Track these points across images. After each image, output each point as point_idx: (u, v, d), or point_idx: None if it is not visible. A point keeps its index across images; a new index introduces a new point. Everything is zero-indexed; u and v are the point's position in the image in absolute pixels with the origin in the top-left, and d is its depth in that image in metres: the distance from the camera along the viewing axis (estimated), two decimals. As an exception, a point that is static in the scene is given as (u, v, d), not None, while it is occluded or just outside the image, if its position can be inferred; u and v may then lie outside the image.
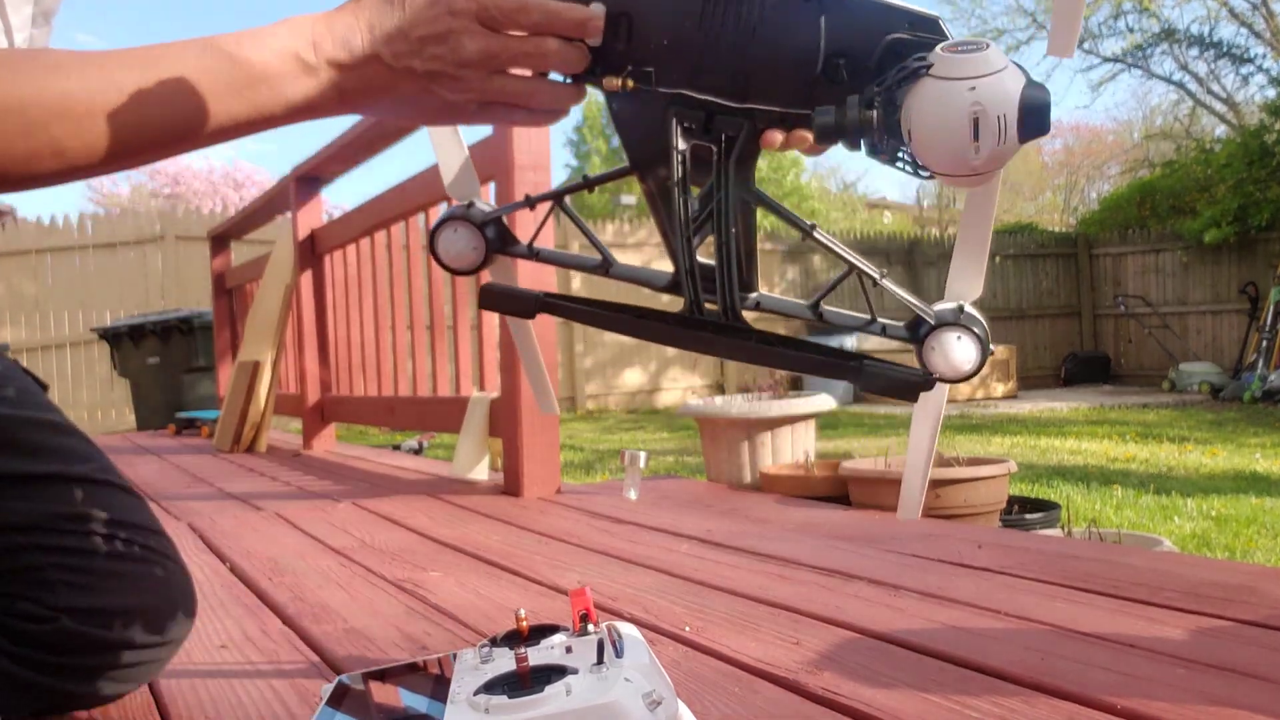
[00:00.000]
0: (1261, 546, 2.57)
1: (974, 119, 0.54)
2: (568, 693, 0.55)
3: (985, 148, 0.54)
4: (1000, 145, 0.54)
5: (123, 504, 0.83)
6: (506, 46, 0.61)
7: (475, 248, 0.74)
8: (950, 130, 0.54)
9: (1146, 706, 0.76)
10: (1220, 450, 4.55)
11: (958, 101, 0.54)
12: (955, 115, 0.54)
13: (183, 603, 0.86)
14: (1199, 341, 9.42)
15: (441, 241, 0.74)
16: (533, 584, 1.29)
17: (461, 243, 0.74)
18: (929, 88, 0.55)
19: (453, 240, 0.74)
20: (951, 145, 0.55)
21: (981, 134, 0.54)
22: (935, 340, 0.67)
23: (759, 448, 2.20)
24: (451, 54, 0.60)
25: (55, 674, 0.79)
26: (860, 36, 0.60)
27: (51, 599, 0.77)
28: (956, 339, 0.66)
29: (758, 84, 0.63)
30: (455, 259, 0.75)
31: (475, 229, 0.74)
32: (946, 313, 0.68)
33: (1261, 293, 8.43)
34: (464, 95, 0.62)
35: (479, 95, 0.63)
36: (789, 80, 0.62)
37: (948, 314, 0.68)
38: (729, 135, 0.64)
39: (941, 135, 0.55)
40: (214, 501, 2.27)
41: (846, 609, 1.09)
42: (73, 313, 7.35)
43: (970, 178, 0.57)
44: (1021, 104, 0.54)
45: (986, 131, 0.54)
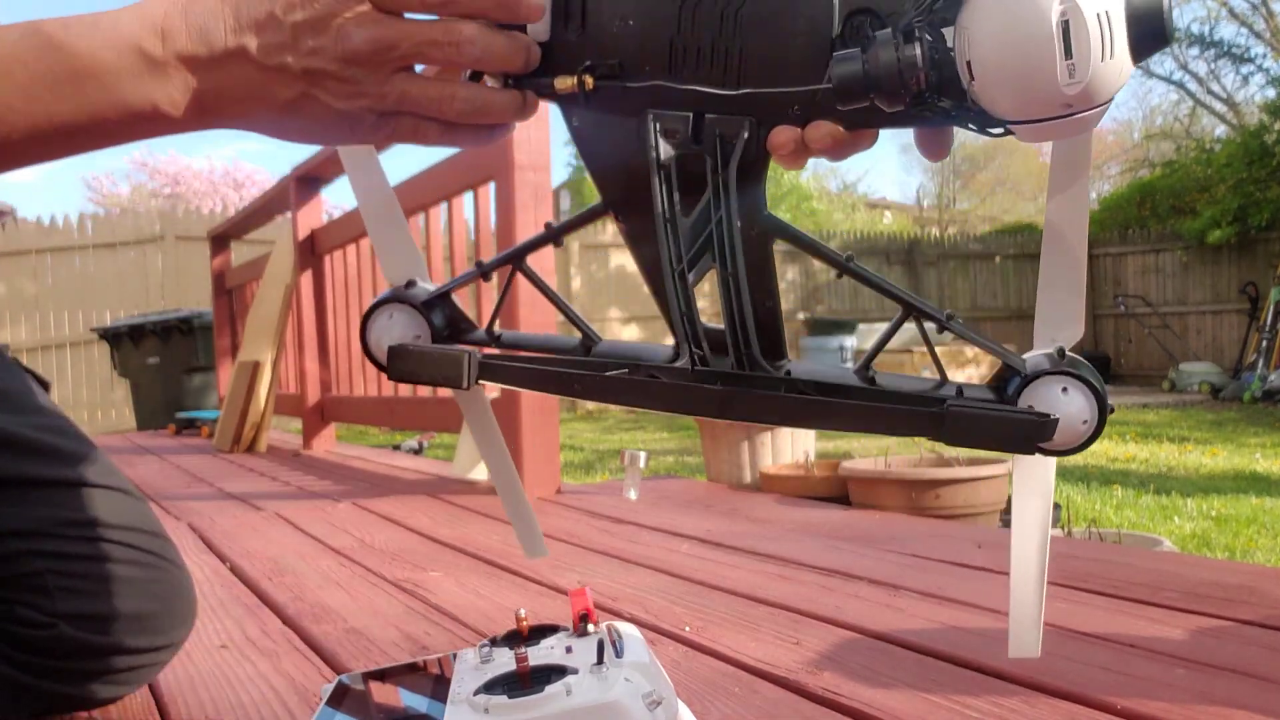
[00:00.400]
0: (1261, 546, 2.57)
1: (1063, 25, 0.39)
2: (568, 693, 0.55)
3: (1083, 66, 0.39)
4: (1105, 61, 0.40)
5: (122, 507, 0.83)
6: (407, 34, 0.47)
7: (417, 337, 0.58)
8: (1030, 48, 0.40)
9: (1146, 706, 0.76)
10: (1220, 450, 4.56)
11: (1037, 4, 0.39)
12: (1035, 24, 0.39)
13: (182, 606, 0.85)
14: (1199, 341, 9.42)
15: (374, 332, 0.58)
16: (533, 584, 1.29)
17: (399, 331, 0.58)
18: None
19: (388, 329, 0.58)
20: (1034, 71, 0.40)
21: (1075, 46, 0.39)
22: (1033, 398, 0.51)
23: (759, 448, 2.20)
24: (335, 45, 0.47)
25: (54, 678, 0.79)
26: None
27: (49, 605, 0.77)
28: (1062, 392, 0.50)
29: (756, 63, 0.49)
30: None
31: (416, 313, 0.58)
32: (1042, 360, 0.51)
33: (1261, 293, 8.43)
34: (355, 102, 0.49)
35: (375, 102, 0.49)
36: (797, 53, 0.48)
37: (1044, 362, 0.51)
38: (726, 137, 0.50)
39: (1018, 58, 0.40)
40: (214, 502, 2.28)
41: (846, 609, 1.09)
42: (73, 313, 7.35)
43: (1064, 120, 0.41)
44: (1130, 6, 0.40)
45: (1082, 42, 0.39)
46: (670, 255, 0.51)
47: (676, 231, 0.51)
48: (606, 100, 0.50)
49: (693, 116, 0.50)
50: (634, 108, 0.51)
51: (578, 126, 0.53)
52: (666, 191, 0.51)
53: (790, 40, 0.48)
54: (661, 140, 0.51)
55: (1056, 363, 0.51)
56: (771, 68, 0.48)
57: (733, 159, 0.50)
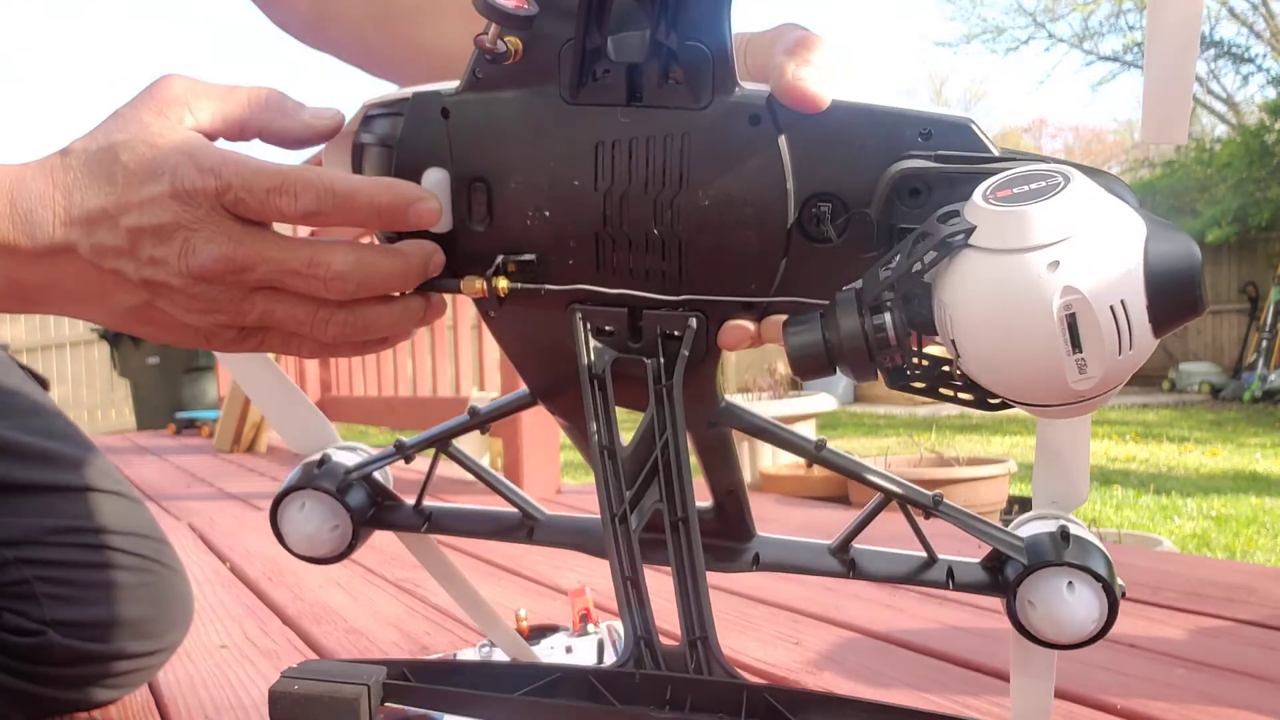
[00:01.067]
0: (1262, 546, 2.57)
1: (1067, 319, 0.32)
2: (567, 693, 0.55)
3: (1096, 363, 0.32)
4: (1122, 354, 0.32)
5: (116, 510, 0.82)
6: (265, 258, 0.40)
7: (335, 527, 0.52)
8: (1028, 342, 0.32)
9: (1146, 706, 0.76)
10: (1220, 450, 4.55)
11: (1033, 293, 0.32)
12: (1030, 318, 0.32)
13: (177, 609, 0.85)
14: (1199, 341, 9.42)
15: (286, 527, 0.52)
16: (533, 584, 1.29)
17: (315, 523, 0.52)
18: (977, 269, 0.33)
19: (301, 522, 0.52)
20: (1035, 365, 0.33)
21: (1085, 342, 0.32)
22: (1034, 592, 0.45)
23: (759, 448, 2.20)
24: (180, 261, 0.40)
25: (46, 683, 0.78)
26: (847, 164, 0.40)
27: (38, 612, 0.76)
28: (1067, 588, 0.44)
29: (700, 257, 0.42)
30: (310, 546, 0.53)
31: (332, 499, 0.52)
32: (1044, 543, 0.45)
33: (1261, 293, 8.43)
34: (209, 319, 0.42)
35: (233, 319, 0.42)
36: (748, 246, 0.41)
37: (1046, 545, 0.45)
38: (669, 335, 0.43)
39: (1013, 351, 0.33)
40: (214, 501, 2.28)
41: (846, 609, 1.09)
42: (73, 313, 7.34)
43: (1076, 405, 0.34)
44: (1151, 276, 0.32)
45: (1093, 338, 0.32)
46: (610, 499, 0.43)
47: (617, 464, 0.44)
48: (525, 299, 0.44)
49: (629, 311, 0.44)
50: (559, 304, 0.44)
51: (494, 318, 0.46)
52: (603, 407, 0.44)
53: (737, 233, 0.41)
54: (594, 340, 0.44)
55: (1060, 549, 0.44)
56: (718, 263, 0.42)
57: (678, 366, 0.43)
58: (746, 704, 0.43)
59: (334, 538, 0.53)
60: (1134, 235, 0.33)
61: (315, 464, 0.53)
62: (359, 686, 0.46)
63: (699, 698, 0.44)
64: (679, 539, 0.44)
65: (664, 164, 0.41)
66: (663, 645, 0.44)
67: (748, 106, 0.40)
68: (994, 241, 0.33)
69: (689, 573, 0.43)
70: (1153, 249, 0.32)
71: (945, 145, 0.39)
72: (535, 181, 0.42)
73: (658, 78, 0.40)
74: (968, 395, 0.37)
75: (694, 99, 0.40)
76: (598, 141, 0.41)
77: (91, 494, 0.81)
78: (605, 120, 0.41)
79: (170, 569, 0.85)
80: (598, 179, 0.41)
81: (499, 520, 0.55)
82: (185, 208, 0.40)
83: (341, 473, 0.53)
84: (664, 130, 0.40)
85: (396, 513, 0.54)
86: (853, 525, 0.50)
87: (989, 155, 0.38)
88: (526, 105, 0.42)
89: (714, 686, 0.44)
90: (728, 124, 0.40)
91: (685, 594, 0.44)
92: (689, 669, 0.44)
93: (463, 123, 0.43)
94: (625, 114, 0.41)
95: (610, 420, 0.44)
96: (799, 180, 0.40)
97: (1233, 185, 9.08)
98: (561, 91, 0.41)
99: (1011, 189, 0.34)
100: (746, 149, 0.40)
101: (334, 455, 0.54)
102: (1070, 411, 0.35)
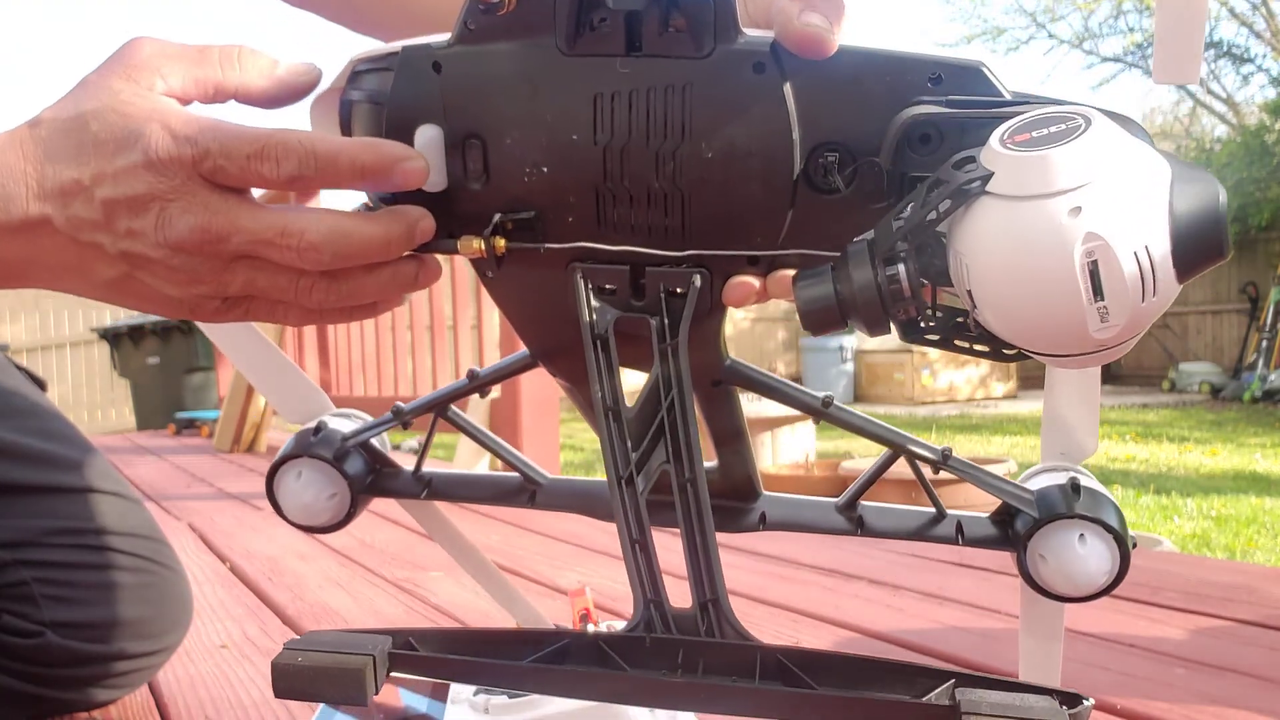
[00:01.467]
0: (1262, 546, 2.57)
1: (1089, 266, 0.31)
2: (568, 693, 0.55)
3: (1120, 310, 0.31)
4: (1145, 301, 0.31)
5: (114, 511, 0.82)
6: (239, 227, 0.39)
7: (333, 495, 0.52)
8: (1048, 291, 0.31)
9: (1146, 706, 0.76)
10: (1220, 450, 4.55)
11: (1053, 240, 0.31)
12: (1051, 266, 0.31)
13: (177, 609, 0.85)
14: (1199, 341, 9.42)
15: (285, 494, 0.52)
16: (533, 584, 1.29)
17: (312, 491, 0.52)
18: (995, 217, 0.32)
19: (298, 491, 0.52)
20: (1055, 314, 0.32)
21: (1108, 289, 0.31)
22: (1045, 545, 0.44)
23: (759, 447, 2.20)
24: (156, 231, 0.39)
25: (46, 684, 0.78)
26: (855, 112, 0.38)
27: (36, 614, 0.76)
28: (1078, 541, 0.44)
29: (704, 211, 0.41)
30: (307, 515, 0.52)
31: (329, 467, 0.52)
32: (1054, 495, 0.45)
33: (1261, 293, 8.43)
34: (190, 290, 0.41)
35: (216, 289, 0.41)
36: (753, 199, 0.40)
37: (1056, 498, 0.44)
38: (672, 293, 0.42)
39: (1032, 300, 0.32)
40: (214, 501, 2.28)
41: (846, 609, 1.09)
42: (73, 312, 7.35)
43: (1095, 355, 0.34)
44: (1176, 219, 0.31)
45: (1117, 285, 0.31)
46: (615, 461, 0.42)
47: (622, 425, 0.43)
48: (524, 259, 0.43)
49: (630, 270, 0.43)
50: (559, 262, 0.43)
51: (492, 278, 0.45)
52: (606, 367, 0.43)
53: (742, 185, 0.40)
54: (595, 300, 0.43)
55: (1071, 501, 0.44)
56: (723, 218, 0.41)
57: (683, 323, 0.42)
58: (760, 666, 0.42)
59: (331, 506, 0.52)
60: (1158, 178, 0.31)
61: (311, 432, 0.52)
62: (364, 656, 0.44)
63: (711, 660, 0.43)
64: (687, 500, 0.43)
65: (665, 115, 0.39)
66: (673, 609, 0.43)
67: (751, 54, 0.39)
68: (1013, 188, 0.32)
69: (698, 534, 0.42)
70: (1178, 191, 0.31)
71: (956, 90, 0.37)
72: (532, 136, 0.41)
73: (657, 26, 0.39)
74: (983, 347, 0.36)
75: (695, 47, 0.39)
76: (596, 93, 0.40)
77: (90, 495, 0.81)
78: (603, 71, 0.40)
79: (169, 569, 0.85)
80: (597, 132, 0.40)
81: (500, 485, 0.54)
82: (160, 178, 0.39)
83: (338, 440, 0.52)
84: (665, 80, 0.39)
85: (395, 480, 0.54)
86: (860, 481, 0.49)
87: (1002, 99, 0.37)
88: (521, 57, 0.40)
89: (727, 649, 0.43)
90: (731, 72, 0.39)
91: (695, 556, 0.43)
92: (700, 632, 0.43)
93: (455, 77, 0.41)
94: (624, 64, 0.39)
95: (614, 380, 0.43)
96: (805, 129, 0.39)
97: (1232, 185, 9.07)
98: (558, 42, 0.40)
99: (1030, 133, 0.33)
100: (750, 98, 0.39)
101: (330, 423, 0.53)
102: (1089, 361, 0.34)
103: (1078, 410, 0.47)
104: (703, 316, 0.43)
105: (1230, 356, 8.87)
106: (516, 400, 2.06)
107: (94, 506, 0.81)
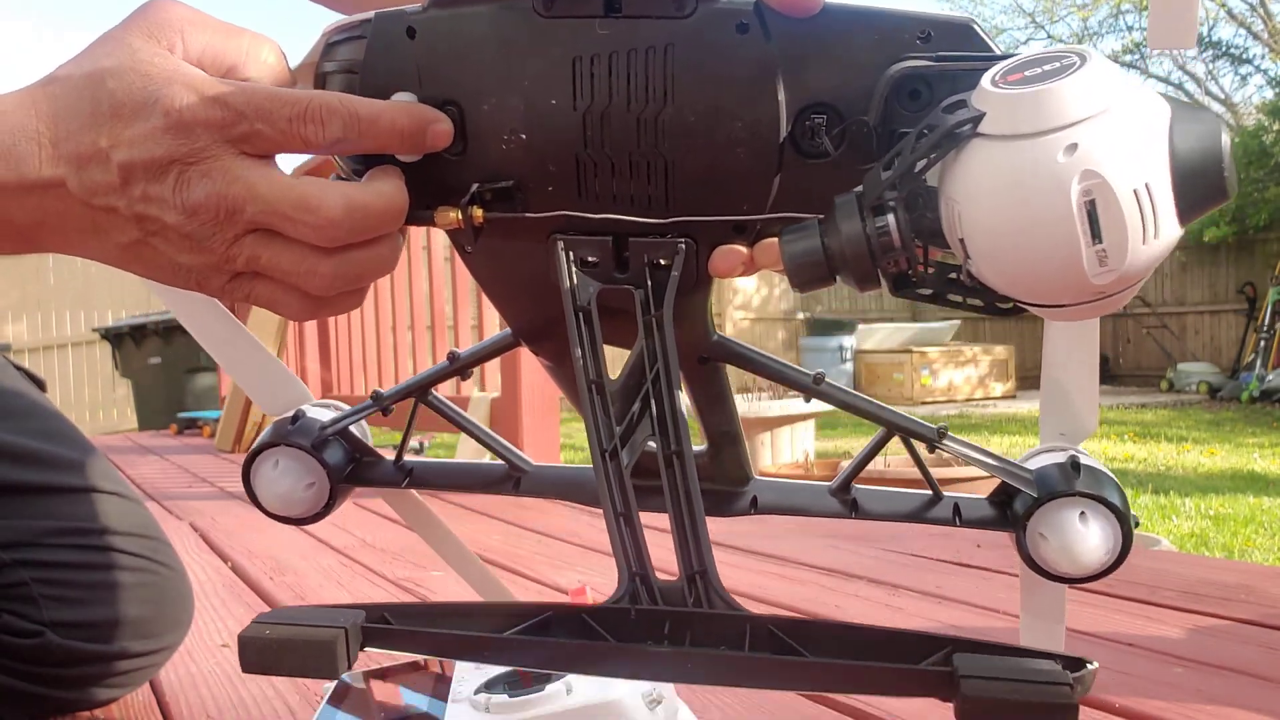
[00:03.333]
0: (1259, 545, 2.57)
1: (1086, 205, 0.29)
2: (568, 691, 0.56)
3: (1118, 254, 0.30)
4: (1146, 243, 0.30)
5: (115, 511, 0.82)
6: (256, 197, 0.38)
7: (310, 484, 0.50)
8: (1044, 234, 0.30)
9: (1144, 705, 0.76)
10: (1218, 450, 4.56)
11: (1049, 179, 0.30)
12: (1047, 206, 0.30)
13: (177, 609, 0.85)
14: (1197, 341, 9.43)
15: (260, 487, 0.50)
16: (533, 583, 1.29)
17: (289, 480, 0.50)
18: (986, 159, 0.31)
19: (274, 480, 0.50)
20: (1051, 259, 0.30)
21: (1106, 230, 0.30)
22: (1045, 524, 0.43)
23: (759, 448, 2.21)
24: (174, 196, 0.38)
25: (45, 684, 0.78)
26: (842, 71, 0.37)
27: (36, 614, 0.76)
28: (1079, 519, 0.43)
29: (688, 178, 0.40)
30: (284, 504, 0.51)
31: (307, 455, 0.50)
32: (1054, 474, 0.44)
33: (1259, 293, 8.43)
34: (199, 259, 0.40)
35: (222, 262, 0.40)
36: (738, 163, 0.39)
37: (1056, 476, 0.43)
38: (657, 265, 0.41)
39: (1028, 246, 0.30)
40: (216, 501, 2.28)
41: (846, 608, 1.10)
42: (74, 312, 7.36)
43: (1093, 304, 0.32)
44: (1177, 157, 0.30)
45: (1116, 225, 0.29)
46: (600, 435, 0.41)
47: (605, 399, 0.41)
48: (503, 230, 0.42)
49: (613, 242, 0.42)
50: (540, 234, 0.42)
51: (470, 252, 0.44)
52: (589, 341, 0.41)
53: (727, 150, 0.39)
54: (577, 273, 0.42)
55: (1071, 479, 0.43)
56: (708, 183, 0.40)
57: (667, 295, 0.41)
58: (750, 636, 0.41)
59: (309, 496, 0.50)
60: (1158, 115, 0.30)
61: (289, 420, 0.51)
62: (336, 629, 0.42)
63: (700, 631, 0.41)
64: (673, 473, 0.41)
65: (646, 78, 0.38)
66: (660, 582, 0.42)
67: (734, 13, 0.37)
68: (1005, 127, 0.30)
69: (685, 506, 0.41)
70: (1178, 129, 0.30)
71: (947, 48, 0.36)
72: (509, 102, 0.40)
73: None
74: (977, 300, 0.35)
75: (676, 6, 0.38)
76: (575, 56, 0.39)
77: (91, 495, 0.81)
78: (582, 33, 0.38)
79: (170, 569, 0.85)
80: (576, 97, 0.39)
81: (484, 473, 0.53)
82: (181, 141, 0.38)
83: (316, 429, 0.51)
84: (645, 41, 0.38)
85: (376, 469, 0.52)
86: (853, 463, 0.48)
87: (993, 54, 0.36)
88: (497, 20, 0.39)
89: (715, 619, 0.41)
90: (713, 32, 0.37)
91: (682, 528, 0.41)
92: (688, 603, 0.41)
93: (429, 42, 0.40)
94: (603, 25, 0.38)
95: (598, 353, 0.42)
96: (791, 91, 0.38)
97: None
98: (534, 3, 0.39)
99: (1023, 72, 0.31)
100: (734, 59, 0.38)
101: (309, 411, 0.52)
102: (1086, 312, 0.32)
103: (1076, 389, 0.46)
104: (689, 289, 0.42)
105: (1228, 356, 8.87)
106: (516, 400, 2.07)
107: (95, 506, 0.81)
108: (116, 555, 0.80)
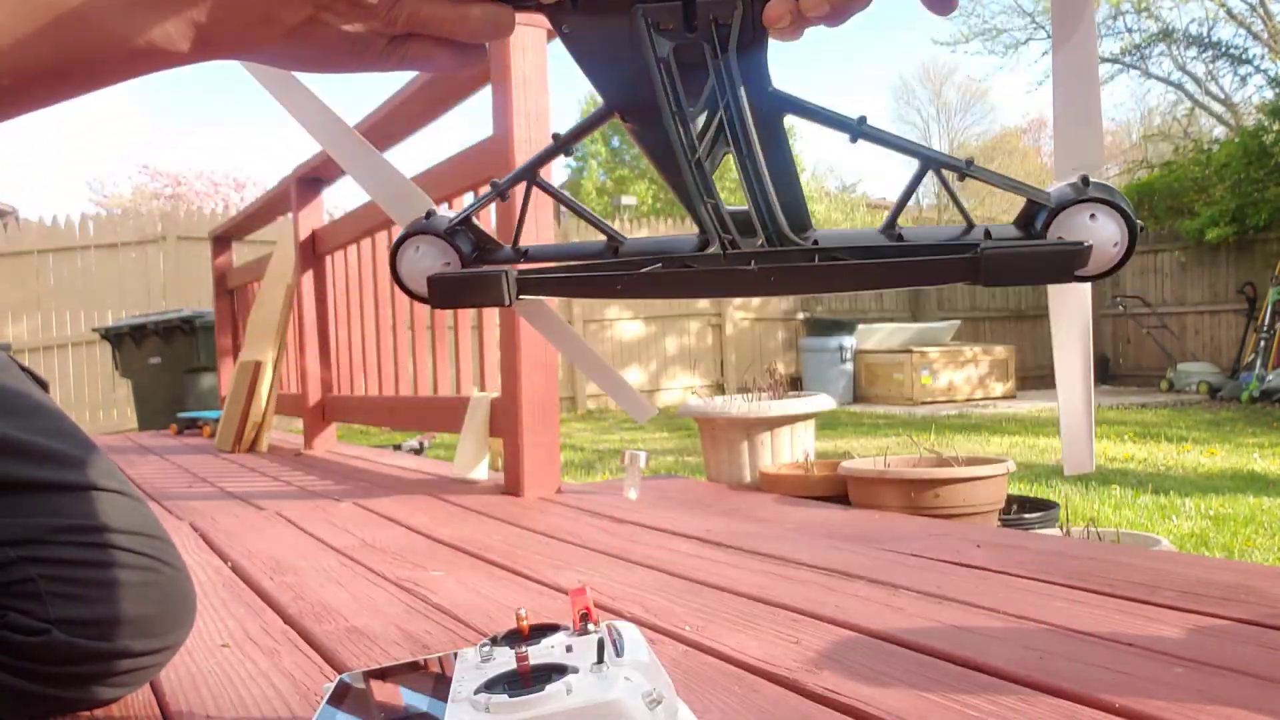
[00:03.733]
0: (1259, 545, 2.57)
1: None
2: (568, 691, 0.56)
3: None
4: None
5: (119, 509, 0.82)
6: None
7: (447, 264, 0.60)
8: None
9: (1144, 705, 0.76)
10: (1218, 450, 4.56)
11: None
12: None
13: (180, 608, 0.85)
14: (1197, 341, 9.43)
15: (404, 265, 0.60)
16: (533, 583, 1.30)
17: (429, 261, 0.59)
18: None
19: (417, 261, 0.60)
20: None
21: None
22: (1062, 229, 0.51)
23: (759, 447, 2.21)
24: None
25: (49, 682, 0.78)
26: None
27: (42, 611, 0.76)
28: (1090, 219, 0.51)
29: None
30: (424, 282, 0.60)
31: (442, 241, 0.59)
32: (1067, 191, 0.51)
33: (1259, 293, 8.43)
34: (365, 24, 0.46)
35: (385, 25, 0.47)
36: None
37: (1069, 192, 0.51)
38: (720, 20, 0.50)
39: None
40: (215, 501, 2.28)
41: (846, 608, 1.10)
42: (74, 313, 7.36)
43: None
44: None
45: None
46: (684, 148, 0.52)
47: (687, 124, 0.52)
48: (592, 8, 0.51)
49: (683, 5, 0.50)
50: (622, 4, 0.51)
51: (568, 33, 0.52)
52: (670, 85, 0.51)
53: None
54: (656, 35, 0.51)
55: (1081, 191, 0.50)
56: None
57: (730, 42, 0.50)
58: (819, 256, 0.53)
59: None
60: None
61: (423, 216, 0.60)
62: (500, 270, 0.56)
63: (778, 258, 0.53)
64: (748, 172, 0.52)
65: None
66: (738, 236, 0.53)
67: None
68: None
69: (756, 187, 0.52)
70: None
71: None
72: None
73: None
74: None
75: None
76: None
77: (95, 493, 0.82)
78: None
79: (173, 568, 0.85)
80: None
81: (587, 249, 0.61)
82: None
83: (447, 220, 0.60)
84: None
85: (498, 252, 0.61)
86: (896, 203, 0.55)
87: None
88: None
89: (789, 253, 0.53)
90: None
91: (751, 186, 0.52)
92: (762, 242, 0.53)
93: None
94: None
95: (679, 95, 0.51)
96: None
97: (1230, 186, 9.09)
98: None
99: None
100: None
101: (436, 210, 0.61)
102: None
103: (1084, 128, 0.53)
104: (747, 42, 0.50)
105: (1228, 356, 8.88)
106: (517, 400, 2.07)
107: (98, 504, 0.81)
108: (121, 554, 0.81)
